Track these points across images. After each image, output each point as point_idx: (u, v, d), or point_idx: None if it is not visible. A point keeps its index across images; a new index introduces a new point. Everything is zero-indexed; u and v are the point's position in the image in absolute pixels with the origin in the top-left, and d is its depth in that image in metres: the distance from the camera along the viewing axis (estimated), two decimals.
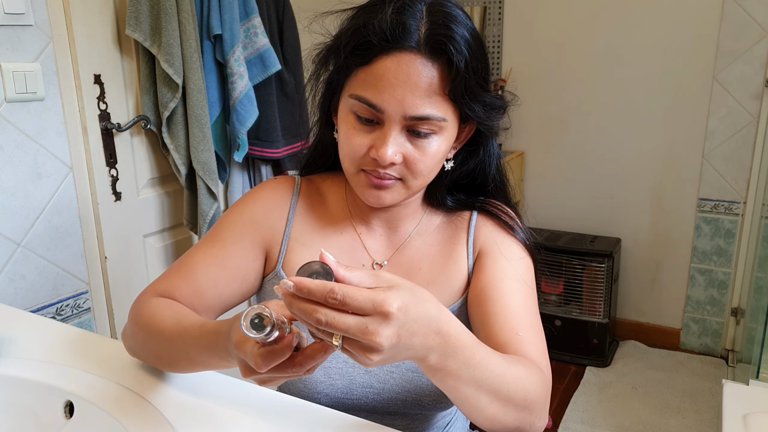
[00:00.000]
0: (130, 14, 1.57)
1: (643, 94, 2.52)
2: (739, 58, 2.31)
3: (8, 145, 1.41)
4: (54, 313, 1.55)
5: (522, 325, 0.75)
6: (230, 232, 0.83)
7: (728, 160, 2.42)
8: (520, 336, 0.73)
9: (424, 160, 0.74)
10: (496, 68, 2.76)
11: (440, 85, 0.70)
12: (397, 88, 0.69)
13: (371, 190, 0.76)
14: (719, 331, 2.57)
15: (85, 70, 1.55)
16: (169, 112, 1.66)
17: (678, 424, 2.11)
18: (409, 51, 0.68)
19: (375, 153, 0.72)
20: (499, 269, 0.80)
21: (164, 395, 0.75)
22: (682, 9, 2.39)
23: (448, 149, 0.77)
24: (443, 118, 0.72)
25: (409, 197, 0.80)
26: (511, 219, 0.86)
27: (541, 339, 0.76)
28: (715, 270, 2.52)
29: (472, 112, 0.73)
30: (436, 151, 0.74)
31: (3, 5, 1.35)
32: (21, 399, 0.79)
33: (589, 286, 2.50)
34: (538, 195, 2.83)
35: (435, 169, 0.77)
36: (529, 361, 0.70)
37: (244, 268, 0.82)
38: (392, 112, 0.70)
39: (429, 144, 0.73)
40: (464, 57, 0.69)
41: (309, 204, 0.87)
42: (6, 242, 1.43)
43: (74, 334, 0.93)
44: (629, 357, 2.58)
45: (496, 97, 0.77)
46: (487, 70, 0.75)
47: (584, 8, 2.55)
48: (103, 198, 1.64)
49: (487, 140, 0.82)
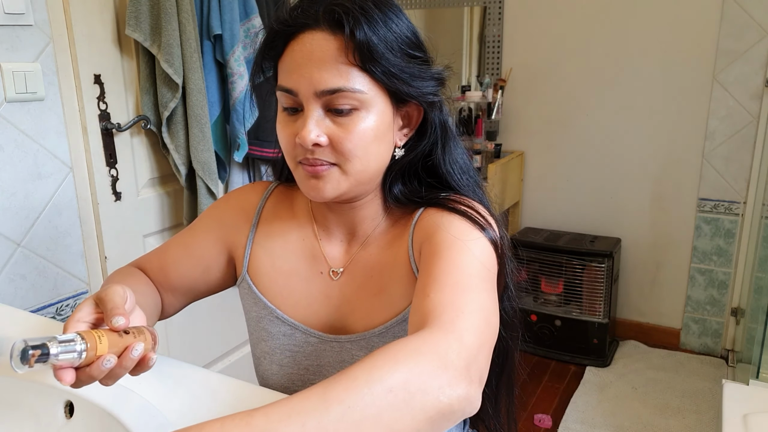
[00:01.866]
0: (130, 14, 1.57)
1: (643, 94, 2.52)
2: (739, 58, 2.32)
3: (8, 145, 1.41)
4: (54, 313, 1.55)
5: (436, 285, 0.63)
6: (202, 224, 0.90)
7: (728, 160, 2.42)
8: (428, 298, 0.61)
9: (351, 139, 0.70)
10: (496, 68, 2.76)
11: (345, 56, 0.68)
12: (304, 66, 0.69)
13: (309, 182, 0.73)
14: (719, 331, 2.57)
15: (85, 70, 1.55)
16: (168, 112, 1.66)
17: (678, 424, 2.11)
18: (311, 30, 0.69)
19: (299, 139, 0.70)
20: (434, 242, 0.71)
21: (165, 395, 0.75)
22: (682, 9, 2.39)
23: (382, 128, 0.72)
24: (358, 89, 0.69)
25: (354, 187, 0.74)
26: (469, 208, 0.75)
27: (457, 305, 0.60)
28: (715, 270, 2.53)
29: (389, 81, 0.70)
30: (364, 128, 0.70)
31: (3, 5, 1.35)
32: (21, 399, 0.79)
33: (589, 286, 2.50)
34: (538, 195, 2.83)
35: (372, 152, 0.72)
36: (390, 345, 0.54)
37: (207, 258, 0.87)
38: (305, 92, 0.70)
39: (352, 121, 0.70)
40: (362, 24, 0.68)
41: (275, 210, 0.87)
42: (6, 242, 1.43)
43: None
44: (629, 357, 2.58)
45: (419, 65, 0.72)
46: (402, 39, 0.71)
47: (584, 8, 2.55)
48: (103, 198, 1.64)
49: (433, 121, 0.77)
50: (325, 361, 0.82)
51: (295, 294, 0.83)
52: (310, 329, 0.82)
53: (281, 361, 0.84)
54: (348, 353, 0.80)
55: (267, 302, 0.84)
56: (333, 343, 0.81)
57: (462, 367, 0.54)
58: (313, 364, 0.83)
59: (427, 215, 0.77)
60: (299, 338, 0.82)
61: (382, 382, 0.49)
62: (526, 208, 2.87)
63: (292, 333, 0.83)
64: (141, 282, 0.86)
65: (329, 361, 0.82)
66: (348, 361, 0.81)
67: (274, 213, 0.87)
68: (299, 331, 0.82)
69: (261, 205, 0.88)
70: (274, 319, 0.83)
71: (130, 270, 0.89)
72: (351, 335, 0.80)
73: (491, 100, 2.61)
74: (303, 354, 0.82)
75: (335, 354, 0.81)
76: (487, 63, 2.77)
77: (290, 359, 0.83)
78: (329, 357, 0.82)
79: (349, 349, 0.80)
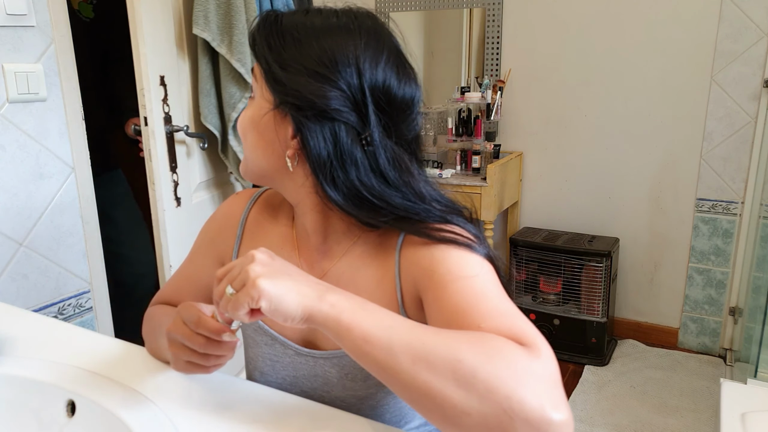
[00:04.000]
0: (197, 14, 1.54)
1: (641, 95, 2.53)
2: (737, 59, 2.32)
3: (10, 146, 1.42)
4: (56, 313, 1.55)
5: (483, 315, 0.61)
6: (196, 249, 0.92)
7: (726, 160, 2.42)
8: (483, 327, 0.59)
9: (240, 115, 0.79)
10: (495, 69, 2.77)
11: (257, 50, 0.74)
12: None
13: None
14: (717, 331, 2.58)
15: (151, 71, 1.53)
16: (237, 113, 1.61)
17: (676, 422, 2.12)
18: None
19: None
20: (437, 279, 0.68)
21: (166, 394, 0.76)
22: (680, 10, 2.39)
23: (262, 123, 0.73)
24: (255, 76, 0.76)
25: (254, 175, 0.79)
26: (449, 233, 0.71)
27: (513, 318, 0.60)
28: (713, 269, 2.53)
29: (269, 85, 0.72)
30: (246, 112, 0.77)
31: (5, 6, 1.36)
32: (23, 398, 0.80)
33: (588, 285, 2.51)
34: (537, 195, 2.83)
35: (250, 136, 0.76)
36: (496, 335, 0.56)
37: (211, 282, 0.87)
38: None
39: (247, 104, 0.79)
40: (261, 45, 0.72)
41: (259, 219, 0.87)
42: (8, 242, 1.44)
43: (76, 333, 0.94)
44: (627, 356, 2.59)
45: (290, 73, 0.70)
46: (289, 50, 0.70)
47: (583, 10, 2.56)
48: (168, 204, 1.61)
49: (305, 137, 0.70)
50: (300, 373, 0.82)
51: None
52: (287, 341, 0.82)
53: (262, 369, 0.85)
54: (321, 368, 0.79)
55: None
56: (307, 357, 0.80)
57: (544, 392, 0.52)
58: (290, 375, 0.83)
59: (412, 246, 0.73)
60: (278, 349, 0.82)
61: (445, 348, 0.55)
62: (525, 208, 2.87)
63: (272, 343, 0.83)
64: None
65: (304, 374, 0.81)
66: (321, 376, 0.79)
67: (257, 222, 0.87)
68: (278, 342, 0.82)
69: (245, 215, 0.88)
70: (257, 328, 0.84)
71: (164, 306, 0.93)
72: (324, 351, 0.79)
73: (490, 101, 2.61)
74: (281, 364, 0.83)
75: (309, 368, 0.80)
76: (486, 64, 2.78)
77: (270, 368, 0.84)
78: (304, 370, 0.81)
79: (322, 364, 0.79)
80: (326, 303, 0.59)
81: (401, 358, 0.54)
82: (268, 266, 0.61)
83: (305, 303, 0.59)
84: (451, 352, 0.53)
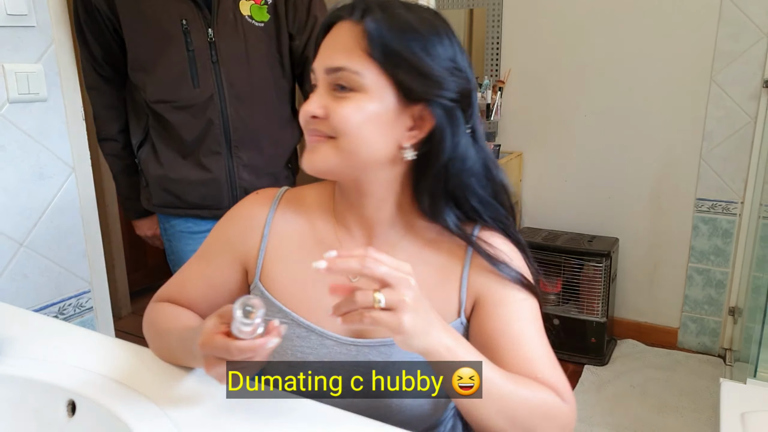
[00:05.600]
0: None
1: (641, 94, 2.53)
2: (737, 59, 2.32)
3: (10, 146, 1.42)
4: (56, 313, 1.56)
5: (540, 367, 0.74)
6: (213, 249, 0.90)
7: (726, 160, 2.42)
8: (540, 378, 0.74)
9: (342, 113, 0.73)
10: (495, 70, 2.77)
11: (358, 42, 0.73)
12: (325, 49, 0.76)
13: (305, 154, 0.78)
14: (717, 331, 2.58)
15: None
16: None
17: (676, 422, 2.12)
18: (343, 20, 0.76)
19: (302, 110, 0.76)
20: (505, 313, 0.78)
21: (167, 394, 0.76)
22: (679, 10, 2.39)
23: (383, 118, 0.74)
24: (358, 71, 0.72)
25: (347, 168, 0.76)
26: (506, 258, 0.80)
27: (560, 373, 0.76)
28: (713, 269, 2.53)
29: (395, 76, 0.73)
30: (357, 108, 0.73)
31: (5, 6, 1.36)
32: (23, 398, 0.80)
33: (588, 285, 2.51)
34: (537, 195, 2.83)
35: (365, 135, 0.74)
36: (549, 390, 0.72)
37: (229, 283, 0.89)
38: (318, 69, 0.76)
39: (349, 100, 0.73)
40: (384, 19, 0.73)
41: (287, 216, 0.87)
42: (8, 242, 1.44)
43: (76, 333, 0.94)
44: (627, 356, 2.59)
45: (437, 67, 0.73)
46: (419, 35, 0.73)
47: (583, 10, 2.56)
48: None
49: (440, 130, 0.75)
50: (337, 363, 0.82)
51: (312, 298, 0.83)
52: (327, 332, 0.82)
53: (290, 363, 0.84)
54: (364, 356, 0.80)
55: (281, 306, 0.84)
56: (350, 346, 0.81)
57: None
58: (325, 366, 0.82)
59: (478, 264, 0.81)
60: (314, 341, 0.82)
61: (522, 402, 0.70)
62: (525, 208, 2.88)
63: (307, 335, 0.82)
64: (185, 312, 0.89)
65: (342, 363, 0.82)
66: (363, 364, 0.81)
67: (286, 220, 0.87)
68: (314, 333, 0.82)
69: (271, 215, 0.87)
70: (289, 322, 0.83)
71: (171, 306, 0.90)
72: (370, 339, 0.80)
73: (490, 102, 2.62)
74: (315, 356, 0.82)
75: (350, 356, 0.81)
76: (486, 64, 2.78)
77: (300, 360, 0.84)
78: (344, 359, 0.82)
79: (366, 353, 0.80)
80: (443, 347, 0.65)
81: (490, 407, 0.67)
82: (420, 301, 0.63)
83: (426, 345, 0.64)
84: (527, 412, 0.69)
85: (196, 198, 1.49)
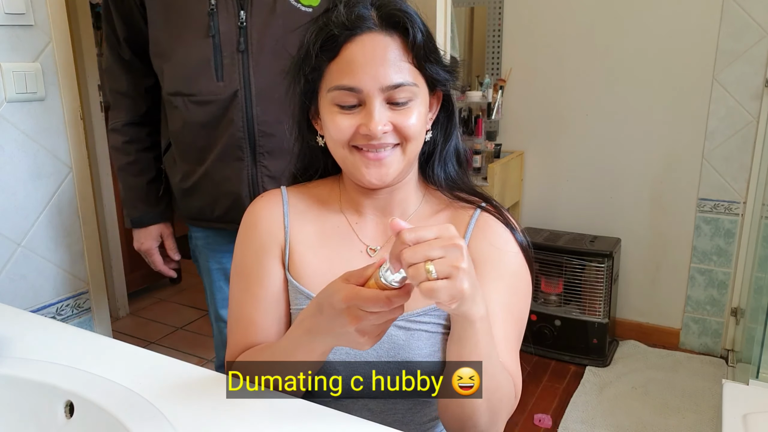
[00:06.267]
0: None
1: (642, 94, 2.53)
2: (739, 58, 2.32)
3: (8, 145, 1.41)
4: (54, 313, 1.55)
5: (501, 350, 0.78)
6: (254, 265, 0.88)
7: (728, 160, 2.42)
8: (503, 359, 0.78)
9: (412, 121, 0.79)
10: (496, 68, 2.76)
11: (403, 54, 0.78)
12: (367, 66, 0.76)
13: (368, 169, 0.80)
14: (719, 331, 2.57)
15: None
16: None
17: (678, 424, 2.11)
18: (368, 32, 0.77)
19: (366, 129, 0.77)
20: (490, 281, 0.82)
21: (164, 395, 0.75)
22: (682, 9, 2.39)
23: (427, 114, 0.83)
24: (414, 83, 0.78)
25: (406, 167, 0.82)
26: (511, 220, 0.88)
27: (516, 361, 0.81)
28: (715, 270, 2.53)
29: (437, 75, 0.81)
30: (418, 113, 0.79)
31: (3, 5, 1.35)
32: (21, 399, 0.79)
33: (589, 286, 2.50)
34: (538, 195, 2.83)
35: (422, 134, 0.82)
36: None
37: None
38: (370, 88, 0.77)
39: (410, 109, 0.79)
40: (418, 26, 0.78)
41: (300, 210, 0.89)
42: (6, 242, 1.43)
43: (74, 334, 0.93)
44: (629, 357, 2.58)
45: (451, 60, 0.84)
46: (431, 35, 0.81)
47: (584, 9, 2.55)
48: None
49: (453, 108, 0.87)
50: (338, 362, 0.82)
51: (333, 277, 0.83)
52: None
53: None
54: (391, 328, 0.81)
55: (310, 293, 0.84)
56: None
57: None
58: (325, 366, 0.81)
59: (485, 224, 0.86)
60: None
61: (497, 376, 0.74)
62: (526, 207, 2.87)
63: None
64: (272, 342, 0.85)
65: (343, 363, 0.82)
66: (363, 364, 0.81)
67: (300, 213, 0.89)
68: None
69: (286, 209, 0.89)
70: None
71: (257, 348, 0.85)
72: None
73: (491, 100, 2.61)
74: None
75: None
76: (487, 63, 2.77)
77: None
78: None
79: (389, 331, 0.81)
80: (479, 315, 0.66)
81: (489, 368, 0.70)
82: (471, 267, 0.61)
83: (472, 312, 0.65)
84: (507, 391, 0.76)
85: (220, 210, 1.33)
